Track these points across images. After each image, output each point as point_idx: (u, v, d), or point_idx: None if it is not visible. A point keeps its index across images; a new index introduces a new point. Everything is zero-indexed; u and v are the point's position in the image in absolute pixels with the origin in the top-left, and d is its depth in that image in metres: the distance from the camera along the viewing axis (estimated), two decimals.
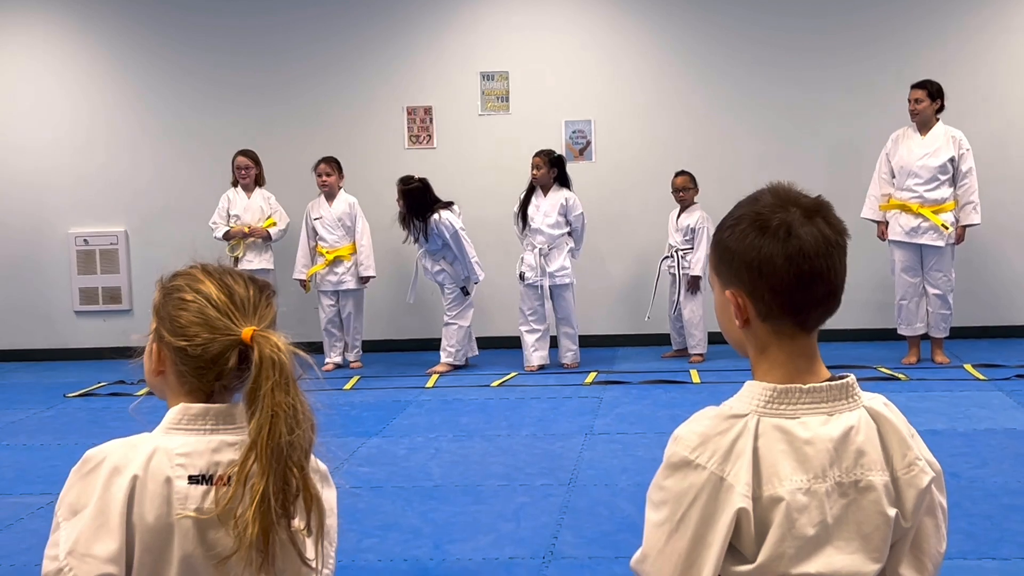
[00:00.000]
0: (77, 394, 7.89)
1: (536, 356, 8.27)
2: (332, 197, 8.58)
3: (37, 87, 9.40)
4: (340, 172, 8.59)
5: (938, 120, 7.75)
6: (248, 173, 8.63)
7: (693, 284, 8.31)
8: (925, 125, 7.73)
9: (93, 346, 9.32)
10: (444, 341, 8.36)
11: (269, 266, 8.58)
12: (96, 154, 9.38)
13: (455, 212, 8.21)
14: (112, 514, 1.66)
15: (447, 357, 8.34)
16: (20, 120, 9.42)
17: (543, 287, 8.22)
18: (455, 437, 6.25)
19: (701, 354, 8.36)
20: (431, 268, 8.35)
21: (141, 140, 9.35)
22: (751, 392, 1.60)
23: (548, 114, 9.08)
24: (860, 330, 8.56)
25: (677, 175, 8.44)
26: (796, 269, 1.57)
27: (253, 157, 8.66)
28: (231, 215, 8.66)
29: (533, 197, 8.26)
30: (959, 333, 8.36)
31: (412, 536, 4.55)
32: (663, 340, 8.75)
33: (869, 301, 8.51)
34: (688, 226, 8.34)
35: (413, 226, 8.16)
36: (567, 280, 8.29)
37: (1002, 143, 8.69)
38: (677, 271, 8.37)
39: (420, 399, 7.38)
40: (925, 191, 7.68)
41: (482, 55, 9.12)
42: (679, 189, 8.38)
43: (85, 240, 9.41)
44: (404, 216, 8.20)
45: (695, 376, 7.77)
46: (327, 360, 8.57)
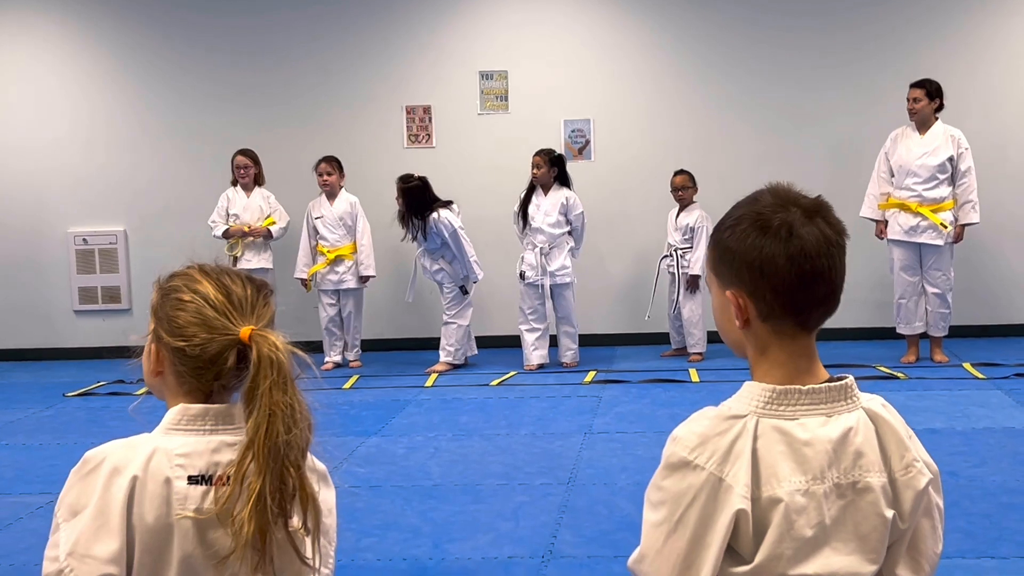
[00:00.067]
0: (76, 393, 7.89)
1: (536, 355, 8.28)
2: (333, 196, 8.59)
3: (37, 86, 9.39)
4: (341, 171, 8.60)
5: (937, 119, 7.75)
6: (247, 172, 8.63)
7: (692, 283, 8.31)
8: (924, 124, 7.73)
9: (92, 345, 9.32)
10: (443, 340, 8.37)
11: (268, 265, 8.59)
12: (96, 153, 9.37)
13: (454, 211, 8.22)
14: (112, 515, 1.66)
15: (446, 356, 8.34)
16: (19, 119, 9.41)
17: (544, 286, 8.23)
18: (454, 436, 6.25)
19: (700, 353, 8.36)
20: (430, 267, 8.35)
21: (140, 139, 9.35)
22: (750, 393, 1.60)
23: (547, 113, 9.07)
24: (859, 329, 8.57)
25: (676, 174, 8.44)
26: (798, 269, 1.57)
27: (252, 156, 8.66)
28: (230, 214, 8.66)
29: (533, 196, 8.26)
30: (958, 332, 8.36)
31: (411, 535, 4.55)
32: (662, 339, 8.76)
33: (868, 300, 8.52)
34: (687, 225, 8.34)
35: (412, 224, 8.17)
36: (568, 279, 8.29)
37: (1001, 142, 8.69)
38: (676, 270, 8.37)
39: (419, 398, 7.38)
40: (924, 190, 7.69)
41: (481, 54, 9.12)
42: (678, 188, 8.39)
43: (84, 239, 9.40)
44: (403, 214, 8.20)
45: (694, 375, 7.77)
46: (327, 359, 8.57)
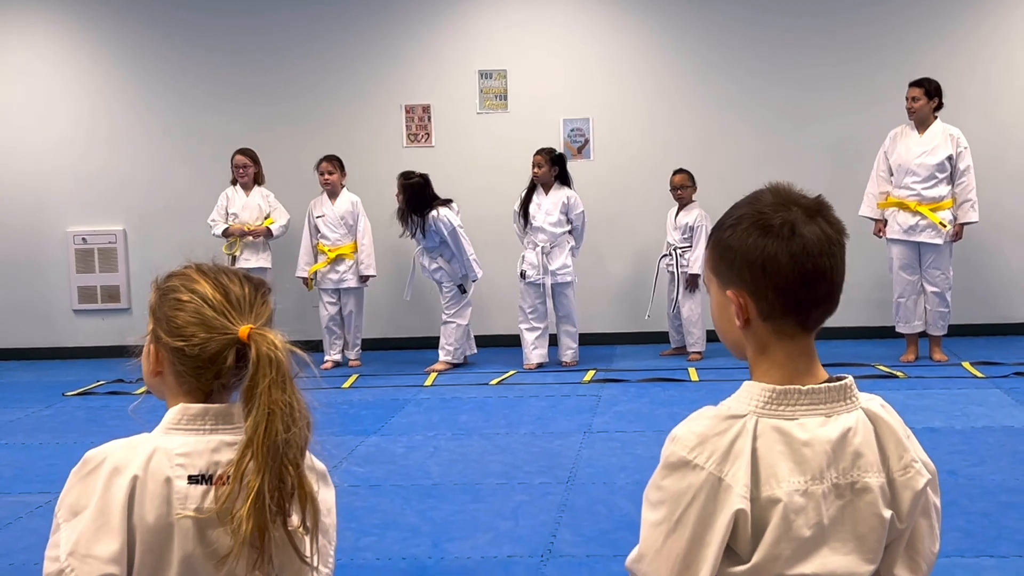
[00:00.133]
0: (75, 393, 7.88)
1: (536, 354, 8.28)
2: (335, 195, 8.59)
3: (36, 86, 9.38)
4: (342, 170, 8.60)
5: (936, 118, 7.75)
6: (246, 172, 8.63)
7: (692, 282, 8.31)
8: (923, 123, 7.74)
9: (91, 345, 9.32)
10: (442, 339, 8.37)
11: (266, 265, 8.58)
12: (95, 153, 9.37)
13: (454, 210, 8.22)
14: (113, 514, 1.66)
15: (445, 356, 8.34)
16: (19, 119, 9.40)
17: (545, 285, 8.23)
18: (454, 435, 6.25)
19: (700, 352, 8.36)
20: (428, 266, 8.35)
21: (140, 139, 9.34)
22: (750, 392, 1.60)
23: (546, 112, 9.07)
24: (858, 328, 8.57)
25: (675, 173, 8.44)
26: (800, 267, 1.57)
27: (251, 156, 8.66)
28: (229, 213, 8.66)
29: (534, 195, 8.26)
30: (957, 331, 8.37)
31: (411, 534, 4.55)
32: (661, 338, 8.76)
33: (867, 299, 8.52)
34: (686, 224, 8.34)
35: (412, 221, 8.17)
36: (569, 278, 8.29)
37: (1000, 141, 8.69)
38: (676, 269, 8.37)
39: (419, 397, 7.38)
40: (923, 189, 7.69)
41: (480, 53, 9.12)
42: (677, 187, 8.39)
43: (84, 239, 9.40)
44: (403, 211, 8.20)
45: (693, 374, 7.77)
46: (326, 358, 8.58)
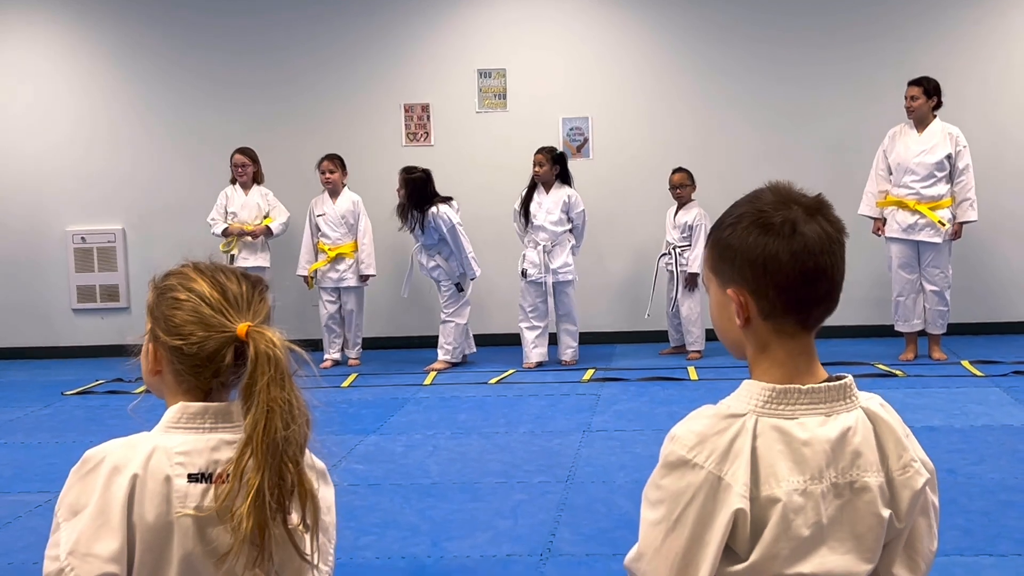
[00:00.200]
0: (75, 392, 7.88)
1: (535, 353, 8.28)
2: (336, 194, 8.59)
3: (36, 85, 9.38)
4: (343, 169, 8.60)
5: (935, 117, 7.75)
6: (245, 171, 8.63)
7: (691, 281, 8.31)
8: (922, 122, 7.74)
9: (91, 344, 9.32)
10: (441, 339, 8.37)
11: (265, 264, 8.58)
12: (94, 152, 9.37)
13: (454, 207, 8.22)
14: (113, 513, 1.66)
15: (444, 355, 8.34)
16: (18, 118, 9.40)
17: (547, 284, 8.22)
18: (453, 434, 6.25)
19: (699, 351, 8.36)
20: (426, 264, 8.34)
21: (140, 138, 9.34)
22: (749, 391, 1.60)
23: (545, 111, 9.07)
24: (858, 326, 8.57)
25: (674, 172, 8.44)
26: (801, 266, 1.57)
27: (250, 155, 8.66)
28: (228, 212, 8.67)
29: (535, 194, 8.26)
30: (956, 329, 8.37)
31: (410, 533, 4.55)
32: (661, 337, 8.76)
33: (867, 298, 8.52)
34: (686, 223, 8.34)
35: (412, 217, 8.16)
36: (570, 277, 8.29)
37: (999, 140, 8.69)
38: (675, 268, 8.37)
39: (418, 396, 7.38)
40: (922, 188, 7.69)
41: (479, 52, 9.12)
42: (676, 186, 8.39)
43: (83, 238, 9.39)
44: (403, 206, 8.20)
45: (693, 373, 7.77)
46: (326, 356, 8.58)
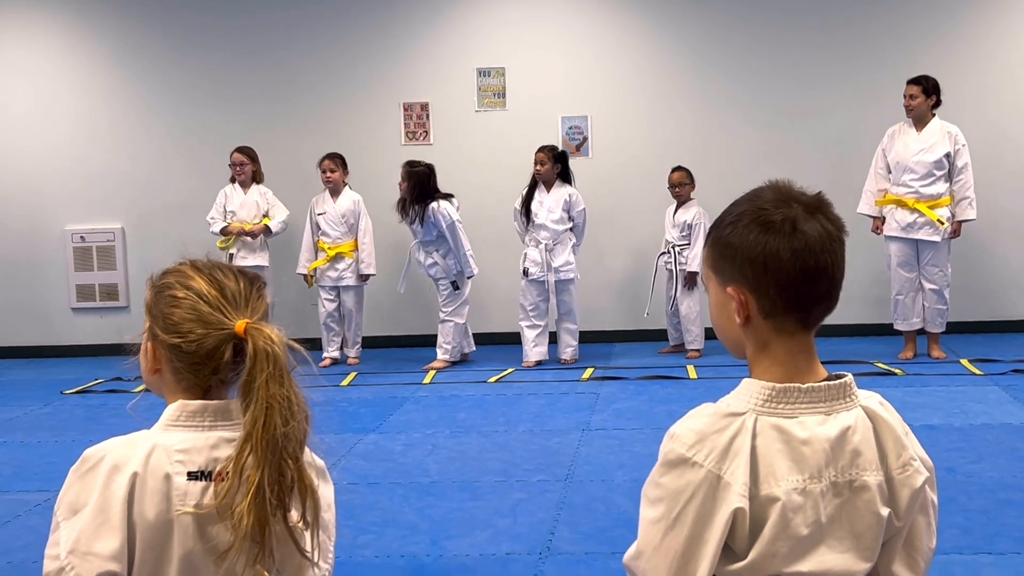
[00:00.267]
0: (74, 391, 7.88)
1: (536, 352, 8.28)
2: (336, 193, 8.59)
3: (36, 84, 9.38)
4: (344, 168, 8.60)
5: (934, 116, 7.75)
6: (243, 169, 8.63)
7: (690, 280, 8.31)
8: (920, 121, 7.74)
9: (90, 343, 9.32)
10: (440, 338, 8.37)
11: (264, 263, 8.58)
12: (93, 151, 9.37)
13: (454, 205, 8.23)
14: (113, 512, 1.66)
15: (443, 354, 8.34)
16: (18, 117, 9.39)
17: (549, 282, 8.22)
18: (452, 433, 6.25)
19: (698, 350, 8.36)
20: (424, 261, 8.34)
21: (139, 137, 9.34)
22: (749, 390, 1.60)
23: (545, 110, 9.07)
24: (857, 325, 8.57)
25: (674, 171, 8.44)
26: (802, 264, 1.57)
27: (249, 153, 8.65)
28: (227, 211, 8.67)
29: (536, 193, 8.26)
30: (955, 328, 8.37)
31: (409, 532, 4.55)
32: (660, 336, 8.76)
33: (866, 296, 8.52)
34: (685, 222, 8.34)
35: (412, 210, 8.16)
36: (572, 275, 8.29)
37: (998, 139, 8.69)
38: (674, 267, 8.37)
39: (417, 395, 7.38)
40: (921, 186, 7.69)
41: (479, 51, 9.12)
42: (675, 185, 8.39)
43: (82, 237, 9.39)
44: (403, 201, 8.21)
45: (692, 372, 7.77)
46: (325, 355, 8.58)
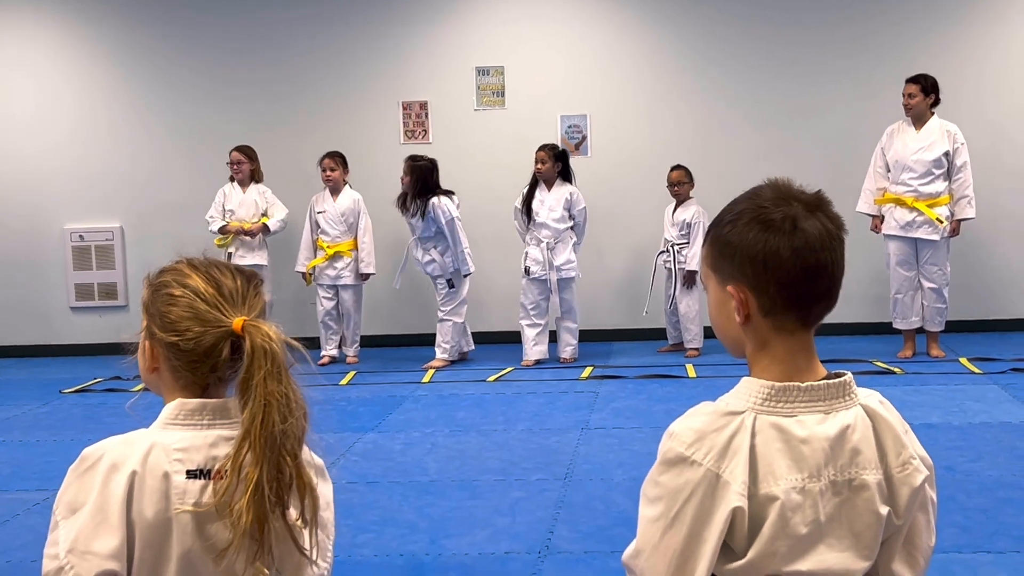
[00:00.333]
0: (73, 390, 7.88)
1: (536, 350, 8.28)
2: (337, 192, 8.59)
3: (34, 83, 9.37)
4: (345, 167, 8.59)
5: (933, 114, 7.75)
6: (241, 168, 8.62)
7: (689, 279, 8.31)
8: (919, 119, 7.74)
9: (89, 342, 9.32)
10: (439, 337, 8.36)
11: (263, 262, 8.57)
12: (92, 150, 9.36)
13: (454, 202, 8.23)
14: (112, 511, 1.66)
15: (442, 353, 8.34)
16: (16, 116, 9.39)
17: (551, 281, 8.22)
18: (451, 432, 6.25)
19: (697, 348, 8.36)
20: (421, 258, 8.34)
21: (138, 136, 9.33)
22: (748, 389, 1.60)
23: (544, 109, 9.06)
24: (856, 324, 8.57)
25: (673, 169, 8.44)
26: (803, 262, 1.56)
27: (247, 152, 8.65)
28: (226, 210, 8.67)
29: (537, 191, 8.25)
30: (954, 327, 8.37)
31: (408, 531, 4.55)
32: (659, 334, 8.76)
33: (865, 295, 8.52)
34: (684, 220, 8.34)
35: (414, 204, 8.16)
36: (573, 273, 8.29)
37: (997, 137, 8.69)
38: (673, 266, 8.37)
39: (416, 394, 7.38)
40: (920, 185, 7.69)
41: (478, 50, 9.11)
42: (674, 183, 8.39)
43: (81, 236, 9.39)
44: (404, 196, 8.21)
45: (691, 371, 7.77)
46: (323, 353, 8.58)
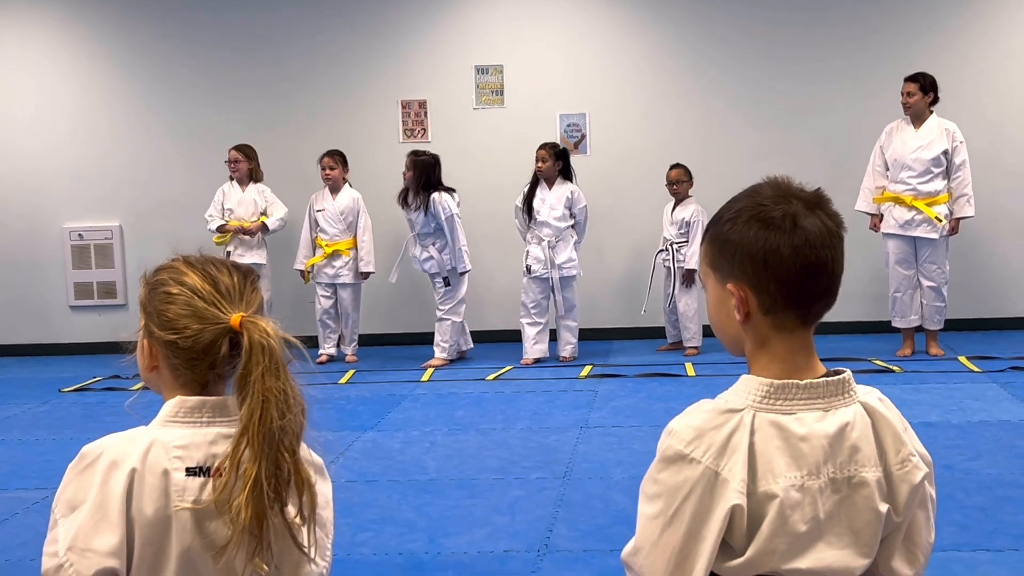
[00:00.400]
0: (72, 389, 7.88)
1: (536, 349, 8.28)
2: (336, 190, 8.59)
3: (33, 82, 9.36)
4: (344, 165, 8.59)
5: (932, 113, 7.75)
6: (238, 167, 8.62)
7: (688, 277, 8.31)
8: (918, 118, 7.74)
9: (88, 341, 9.31)
10: (437, 336, 8.36)
11: (262, 261, 8.57)
12: (91, 149, 9.36)
13: (455, 199, 8.24)
14: (111, 508, 1.65)
15: (441, 352, 8.34)
16: (16, 115, 9.38)
17: (553, 279, 8.22)
18: (450, 431, 6.25)
19: (696, 347, 8.36)
20: (419, 256, 8.34)
21: (137, 135, 9.33)
22: (747, 386, 1.60)
23: (543, 107, 9.06)
24: (855, 322, 8.57)
25: (672, 168, 8.44)
26: (803, 260, 1.56)
27: (244, 151, 8.65)
28: (225, 208, 8.66)
29: (538, 190, 8.25)
30: (953, 325, 8.37)
31: (407, 530, 4.55)
32: (658, 333, 8.76)
33: (864, 294, 8.52)
34: (683, 219, 8.34)
35: (416, 200, 8.16)
36: (574, 271, 8.30)
37: (996, 136, 8.69)
38: (672, 264, 8.37)
39: (415, 393, 7.38)
40: (919, 184, 7.69)
41: (477, 48, 9.11)
42: (673, 182, 8.39)
43: (80, 235, 9.39)
44: (406, 191, 8.21)
45: (690, 369, 7.77)
46: (321, 351, 8.58)
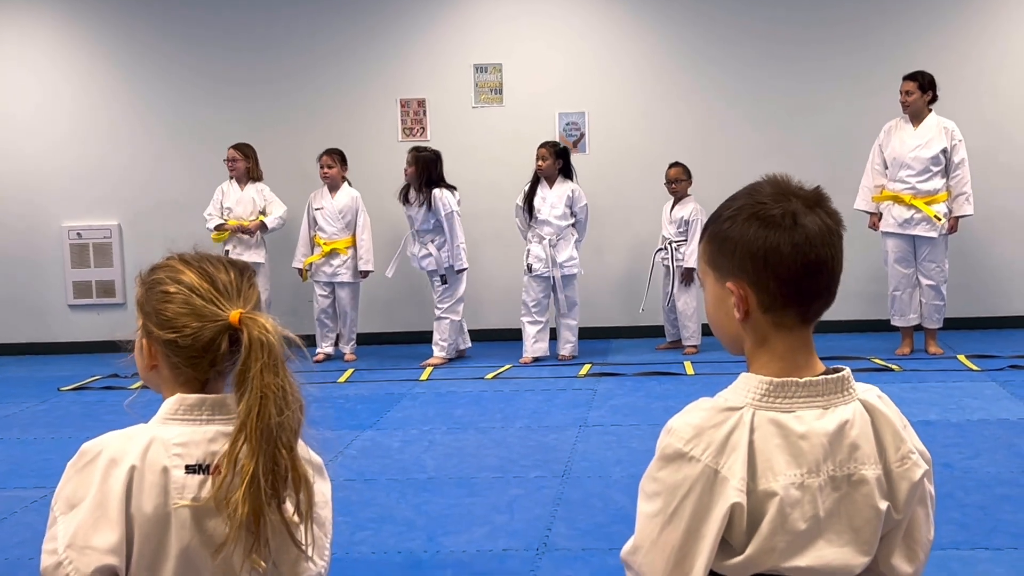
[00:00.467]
0: (71, 388, 7.88)
1: (536, 348, 8.28)
2: (335, 189, 8.58)
3: (32, 81, 9.36)
4: (343, 164, 8.59)
5: (930, 111, 7.75)
6: (236, 166, 8.62)
7: (687, 276, 8.31)
8: (917, 116, 7.74)
9: (87, 340, 9.31)
10: (436, 335, 8.36)
11: (261, 260, 8.57)
12: (90, 147, 9.36)
13: (456, 197, 8.24)
14: (111, 506, 1.65)
15: (439, 351, 8.34)
16: (15, 114, 9.38)
17: (555, 278, 8.22)
18: (449, 430, 6.25)
19: (695, 346, 8.36)
20: (417, 253, 8.34)
21: (136, 134, 9.32)
22: (747, 385, 1.60)
23: (542, 106, 9.06)
24: (854, 321, 8.58)
25: (670, 167, 8.44)
26: (803, 258, 1.56)
27: (243, 150, 8.65)
28: (224, 207, 8.66)
29: (538, 188, 8.25)
30: (952, 324, 8.37)
31: (406, 528, 4.55)
32: (657, 332, 8.76)
33: (863, 292, 8.52)
34: (682, 218, 8.34)
35: (418, 196, 8.16)
36: (575, 270, 8.30)
37: (996, 135, 8.69)
38: (671, 263, 8.37)
39: (414, 392, 7.38)
40: (918, 182, 7.69)
41: (476, 47, 9.11)
42: (672, 181, 8.38)
43: (78, 234, 9.38)
44: (407, 187, 8.21)
45: (689, 368, 7.78)
46: (318, 350, 8.58)
